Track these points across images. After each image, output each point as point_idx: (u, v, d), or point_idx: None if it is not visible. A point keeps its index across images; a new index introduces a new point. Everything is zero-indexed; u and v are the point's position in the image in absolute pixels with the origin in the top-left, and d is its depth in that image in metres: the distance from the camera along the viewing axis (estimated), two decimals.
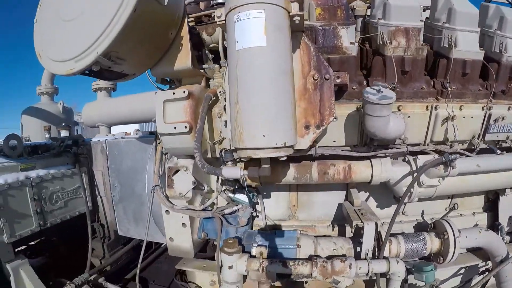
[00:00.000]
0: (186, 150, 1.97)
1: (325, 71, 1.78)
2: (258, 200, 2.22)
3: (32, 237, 2.87)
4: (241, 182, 1.92)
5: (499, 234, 2.48)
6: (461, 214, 2.48)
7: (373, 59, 2.11)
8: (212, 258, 2.29)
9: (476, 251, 2.44)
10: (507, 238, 2.52)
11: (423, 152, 2.12)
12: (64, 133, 3.56)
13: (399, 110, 2.01)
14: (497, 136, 2.28)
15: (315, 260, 1.89)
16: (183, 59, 1.92)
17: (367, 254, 1.98)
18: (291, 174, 2.05)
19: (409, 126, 2.02)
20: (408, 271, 2.01)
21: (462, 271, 2.47)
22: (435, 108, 2.05)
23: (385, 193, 2.31)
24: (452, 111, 2.05)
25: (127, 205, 3.20)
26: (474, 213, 2.55)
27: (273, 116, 1.50)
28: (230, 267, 1.86)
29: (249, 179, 2.02)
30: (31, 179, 2.75)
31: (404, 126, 1.89)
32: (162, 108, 1.91)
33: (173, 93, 1.90)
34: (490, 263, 2.34)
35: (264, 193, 2.36)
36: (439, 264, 2.21)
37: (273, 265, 1.87)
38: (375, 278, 2.03)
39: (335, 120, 1.94)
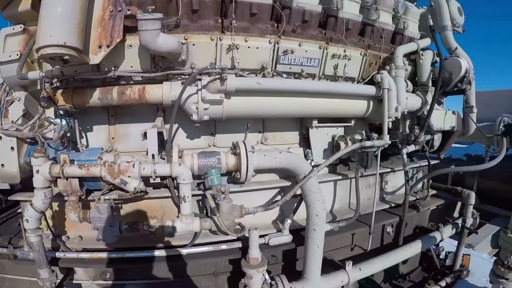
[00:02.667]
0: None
1: (119, 6, 2.16)
2: (75, 126, 2.46)
3: None
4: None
5: (307, 159, 2.71)
6: (275, 148, 2.71)
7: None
8: None
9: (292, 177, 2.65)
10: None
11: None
12: None
13: (185, 39, 2.36)
14: (290, 68, 2.62)
15: (105, 162, 2.11)
16: (25, 1, 2.24)
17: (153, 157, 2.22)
18: (96, 95, 2.32)
19: (196, 53, 2.38)
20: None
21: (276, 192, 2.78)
22: (220, 39, 2.40)
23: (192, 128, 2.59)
24: (234, 40, 2.40)
25: None
26: (289, 147, 2.81)
27: (59, 23, 1.83)
28: (37, 172, 2.06)
29: (63, 101, 2.31)
30: None
31: (175, 44, 2.20)
32: (3, 41, 2.27)
33: (13, 29, 2.27)
34: None
35: (87, 126, 2.58)
36: (239, 181, 2.41)
37: (71, 168, 2.07)
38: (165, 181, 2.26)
39: (130, 47, 2.30)
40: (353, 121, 3.02)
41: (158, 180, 2.25)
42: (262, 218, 2.77)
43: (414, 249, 3.37)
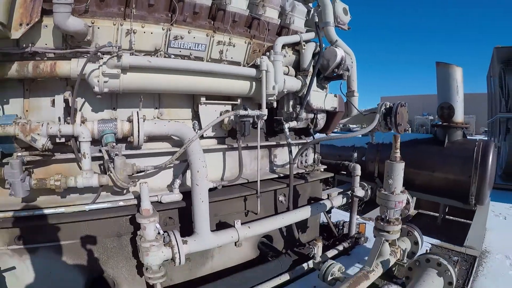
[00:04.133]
0: None
1: None
2: None
3: None
4: None
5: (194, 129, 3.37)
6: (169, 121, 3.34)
7: None
8: None
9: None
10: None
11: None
12: None
13: (92, 23, 2.92)
14: (180, 51, 3.27)
15: (18, 122, 2.67)
16: None
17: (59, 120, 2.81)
18: (14, 68, 2.84)
19: (100, 35, 2.95)
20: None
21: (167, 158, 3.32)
22: (121, 24, 3.00)
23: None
24: (132, 26, 3.00)
25: None
26: (184, 122, 3.47)
27: None
28: None
29: None
30: None
31: (82, 25, 2.74)
32: None
33: None
34: None
35: (4, 99, 2.98)
36: (133, 145, 3.03)
37: None
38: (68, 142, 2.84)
39: (46, 27, 2.83)
40: (239, 100, 3.73)
41: (63, 140, 2.78)
42: (156, 182, 3.36)
43: (303, 213, 3.91)
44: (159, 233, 2.77)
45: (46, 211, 2.82)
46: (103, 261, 3.13)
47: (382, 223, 3.27)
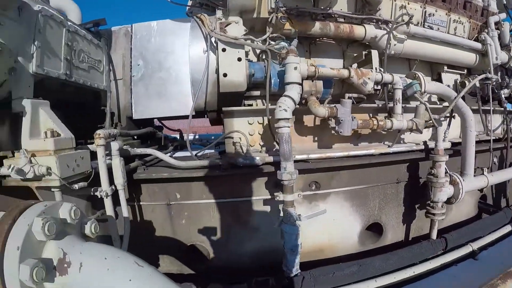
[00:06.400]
0: None
1: None
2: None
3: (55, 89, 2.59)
4: None
5: None
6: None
7: None
8: None
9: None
10: None
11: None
12: None
13: None
14: (431, 26, 3.84)
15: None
16: None
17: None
18: (318, 26, 3.36)
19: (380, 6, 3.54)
20: None
21: None
22: (394, 0, 3.61)
23: None
24: (402, 2, 3.61)
25: (150, 81, 3.19)
26: None
27: None
28: (295, 68, 2.62)
29: (288, 26, 3.36)
30: (68, 23, 2.57)
31: None
32: None
33: None
34: None
35: None
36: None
37: (325, 69, 3.00)
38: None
39: None
40: (465, 70, 4.28)
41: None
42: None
43: None
44: (446, 172, 3.14)
45: (351, 153, 3.07)
46: (380, 207, 3.42)
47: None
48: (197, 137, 6.11)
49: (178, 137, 4.55)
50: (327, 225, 3.14)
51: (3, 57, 1.86)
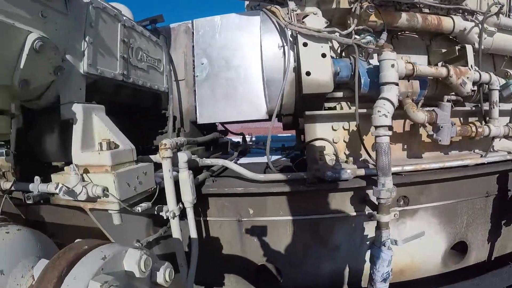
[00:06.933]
0: None
1: None
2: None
3: (111, 91, 2.33)
4: None
5: None
6: None
7: None
8: None
9: None
10: None
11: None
12: None
13: None
14: None
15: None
16: None
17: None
18: (404, 18, 2.83)
19: None
20: None
21: None
22: None
23: None
24: None
25: (216, 82, 2.87)
26: None
27: None
28: (392, 66, 2.26)
29: (374, 17, 2.97)
30: (124, 18, 2.27)
31: None
32: None
33: None
34: None
35: None
36: None
37: (423, 67, 2.57)
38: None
39: None
40: None
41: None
42: None
43: None
44: None
45: (446, 164, 2.68)
46: (468, 224, 3.03)
47: None
48: (253, 139, 5.75)
49: (241, 141, 4.22)
50: (411, 244, 2.74)
51: (46, 54, 1.54)
